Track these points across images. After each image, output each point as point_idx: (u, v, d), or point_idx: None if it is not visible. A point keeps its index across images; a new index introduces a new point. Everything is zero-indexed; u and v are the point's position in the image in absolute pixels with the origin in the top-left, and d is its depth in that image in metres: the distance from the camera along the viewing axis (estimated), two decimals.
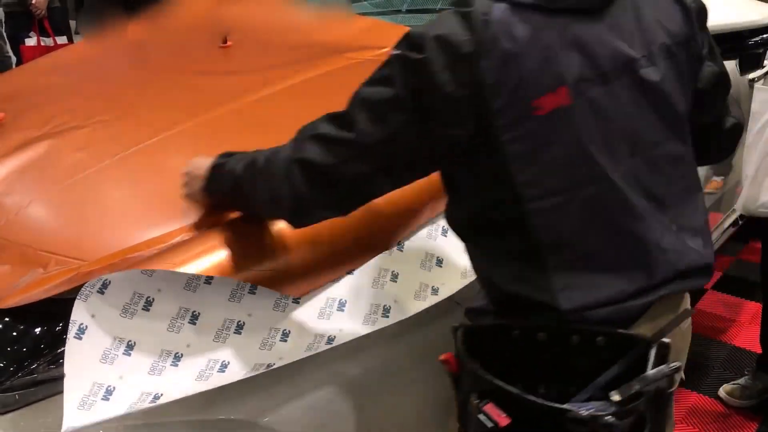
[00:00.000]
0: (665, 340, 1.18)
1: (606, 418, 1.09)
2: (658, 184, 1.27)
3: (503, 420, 1.13)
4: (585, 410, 1.10)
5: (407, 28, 2.03)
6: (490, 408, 1.14)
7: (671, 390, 1.20)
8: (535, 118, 1.14)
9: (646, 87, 1.23)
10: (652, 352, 1.16)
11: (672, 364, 1.16)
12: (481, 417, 1.15)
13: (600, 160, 1.19)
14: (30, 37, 5.39)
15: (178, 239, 1.52)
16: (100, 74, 2.59)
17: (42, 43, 5.36)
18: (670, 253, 1.26)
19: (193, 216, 1.60)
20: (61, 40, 5.44)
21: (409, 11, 3.18)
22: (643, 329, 1.24)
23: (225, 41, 2.62)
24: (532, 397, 1.13)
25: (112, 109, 2.21)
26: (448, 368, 1.27)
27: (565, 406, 1.12)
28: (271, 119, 2.10)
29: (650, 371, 1.14)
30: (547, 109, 1.14)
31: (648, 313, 1.26)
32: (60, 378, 1.48)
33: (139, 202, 1.83)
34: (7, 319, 1.53)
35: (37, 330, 1.52)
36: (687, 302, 1.37)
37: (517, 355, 1.23)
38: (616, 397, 1.12)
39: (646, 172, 1.25)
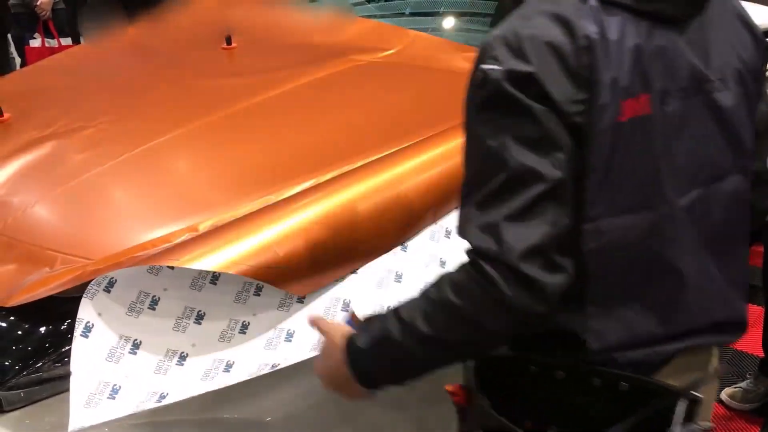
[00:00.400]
0: (697, 394, 1.10)
1: None
2: (716, 224, 1.16)
3: None
4: None
5: (411, 31, 2.02)
6: None
7: None
8: (616, 124, 1.04)
9: (718, 111, 1.14)
10: (680, 406, 1.08)
11: (703, 424, 1.09)
12: None
13: (667, 182, 1.09)
14: (35, 38, 5.40)
15: (183, 238, 1.52)
16: (105, 76, 2.60)
17: (46, 44, 5.37)
18: (709, 302, 1.16)
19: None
20: (66, 41, 5.45)
21: (412, 14, 3.19)
22: (669, 379, 1.14)
23: (229, 43, 2.63)
24: None
25: (117, 110, 2.22)
26: (455, 400, 1.19)
27: None
28: (275, 120, 2.11)
29: (678, 428, 1.06)
30: (627, 116, 1.05)
31: (674, 362, 1.15)
32: (65, 376, 1.48)
33: (144, 202, 1.84)
34: (12, 318, 1.54)
35: (42, 329, 1.53)
36: (716, 357, 1.26)
37: (531, 392, 1.14)
38: None
39: (706, 208, 1.14)
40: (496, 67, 1.03)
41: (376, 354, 1.10)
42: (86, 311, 1.32)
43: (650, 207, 1.09)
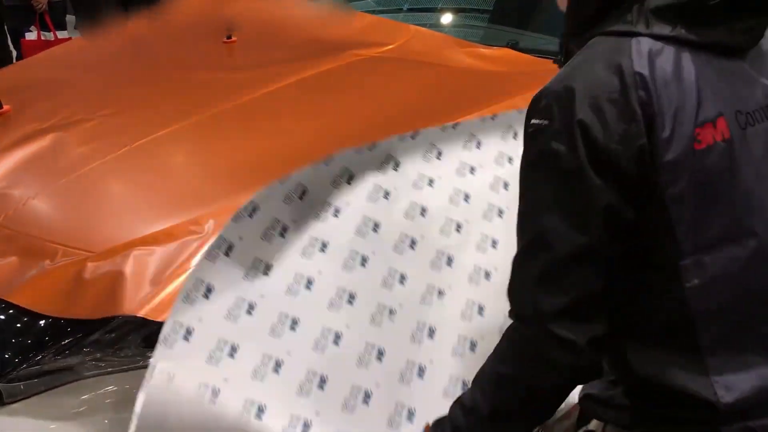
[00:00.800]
0: None
1: None
2: None
3: None
4: None
5: (411, 26, 2.01)
6: None
7: None
8: (696, 152, 1.02)
9: None
10: None
11: None
12: None
13: (760, 207, 1.06)
14: (31, 31, 5.38)
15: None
16: (105, 69, 2.59)
17: (42, 38, 5.36)
18: None
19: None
20: (62, 34, 5.43)
21: (410, 9, 3.19)
22: None
23: (230, 37, 2.63)
24: None
25: (118, 103, 2.22)
26: None
27: None
28: (275, 115, 2.11)
29: None
30: (706, 142, 1.03)
31: None
32: (65, 369, 1.49)
33: (144, 194, 1.83)
34: (11, 311, 1.54)
35: (42, 322, 1.52)
36: None
37: None
38: None
39: None
40: (544, 122, 1.04)
41: None
42: (187, 315, 1.26)
43: (750, 233, 1.06)
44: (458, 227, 1.58)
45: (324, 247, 1.41)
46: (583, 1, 1.11)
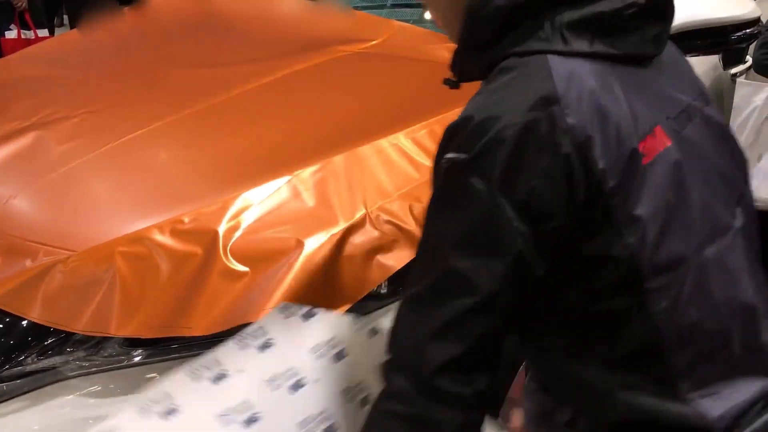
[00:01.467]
0: None
1: None
2: (755, 241, 1.09)
3: None
4: None
5: (394, 22, 2.00)
6: None
7: None
8: (643, 168, 0.95)
9: (717, 126, 1.10)
10: None
11: None
12: None
13: (711, 214, 1.02)
14: (11, 29, 5.34)
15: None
16: (87, 66, 2.58)
17: (23, 36, 5.32)
18: None
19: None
20: (42, 32, 5.39)
21: (394, 5, 3.19)
22: None
23: (213, 34, 2.62)
24: None
25: (100, 101, 2.20)
26: None
27: None
28: (260, 111, 2.10)
29: None
30: (652, 154, 0.97)
31: None
32: (47, 369, 1.48)
33: (126, 193, 1.83)
34: None
35: (24, 323, 1.52)
36: None
37: None
38: None
39: (750, 225, 1.08)
40: (461, 155, 0.93)
41: None
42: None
43: (706, 241, 1.01)
44: None
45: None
46: (480, 18, 0.99)
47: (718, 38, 2.84)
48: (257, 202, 1.65)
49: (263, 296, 1.44)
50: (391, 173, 1.73)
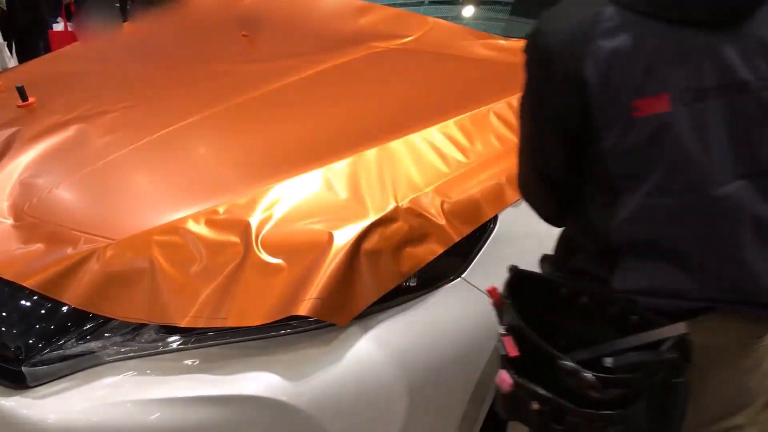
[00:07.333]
0: (686, 333, 1.17)
1: (587, 374, 1.13)
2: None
3: (513, 352, 1.22)
4: (572, 362, 1.15)
5: (429, 18, 2.02)
6: (507, 340, 1.23)
7: (677, 381, 1.18)
8: (635, 119, 1.15)
9: (763, 109, 1.16)
10: (668, 344, 1.17)
11: (668, 348, 1.16)
12: (499, 346, 1.25)
13: (700, 171, 1.16)
14: (57, 22, 5.46)
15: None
16: (126, 62, 2.63)
17: (69, 29, 5.43)
18: (762, 278, 1.20)
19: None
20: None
21: (432, 2, 3.19)
22: (690, 327, 1.20)
23: (250, 29, 2.65)
24: (541, 342, 1.20)
25: (139, 96, 2.25)
26: (491, 298, 1.32)
27: (556, 353, 1.18)
28: (294, 105, 2.12)
29: (640, 352, 1.17)
30: (647, 112, 1.14)
31: (707, 316, 1.22)
32: (87, 353, 1.52)
33: (164, 184, 1.87)
34: (35, 297, 1.58)
35: (65, 308, 1.56)
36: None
37: (555, 307, 1.28)
38: (608, 362, 1.15)
39: (757, 197, 1.18)
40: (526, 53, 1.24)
41: None
42: None
43: (682, 191, 1.17)
44: None
45: None
46: None
47: None
48: (290, 195, 1.68)
49: (296, 289, 1.47)
50: (423, 168, 1.75)
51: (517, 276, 1.32)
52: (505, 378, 1.22)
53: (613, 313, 1.23)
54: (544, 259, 1.43)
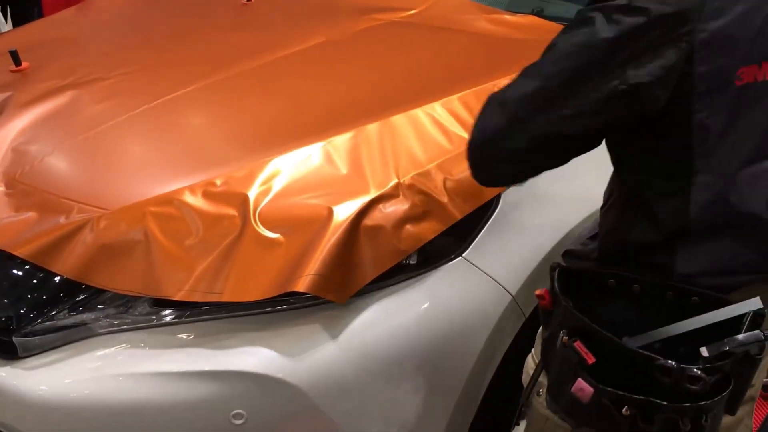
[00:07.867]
0: (761, 307, 1.16)
1: (694, 370, 1.10)
2: None
3: (590, 358, 1.14)
4: (673, 361, 1.11)
5: None
6: (579, 345, 1.15)
7: (759, 356, 1.17)
8: (735, 88, 1.12)
9: None
10: (747, 319, 1.16)
11: (766, 331, 1.14)
12: (568, 352, 1.16)
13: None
14: None
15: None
16: (124, 28, 2.58)
17: None
18: None
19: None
20: None
21: None
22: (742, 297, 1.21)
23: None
24: (623, 343, 1.16)
25: (136, 63, 2.21)
26: (541, 303, 1.27)
27: (653, 355, 1.14)
28: (295, 77, 2.09)
29: (742, 335, 1.14)
30: (747, 80, 1.13)
31: (745, 288, 1.23)
32: (79, 325, 1.50)
33: (160, 154, 1.83)
34: (27, 266, 1.55)
35: (57, 278, 1.54)
36: None
37: (608, 303, 1.24)
38: (705, 352, 1.12)
39: None
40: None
41: None
42: None
43: (761, 159, 1.18)
44: None
45: None
46: None
47: None
48: (289, 168, 1.65)
49: (294, 264, 1.45)
50: (425, 144, 1.72)
51: (563, 273, 1.27)
52: (584, 387, 1.15)
53: (670, 298, 1.21)
54: (568, 254, 1.40)
